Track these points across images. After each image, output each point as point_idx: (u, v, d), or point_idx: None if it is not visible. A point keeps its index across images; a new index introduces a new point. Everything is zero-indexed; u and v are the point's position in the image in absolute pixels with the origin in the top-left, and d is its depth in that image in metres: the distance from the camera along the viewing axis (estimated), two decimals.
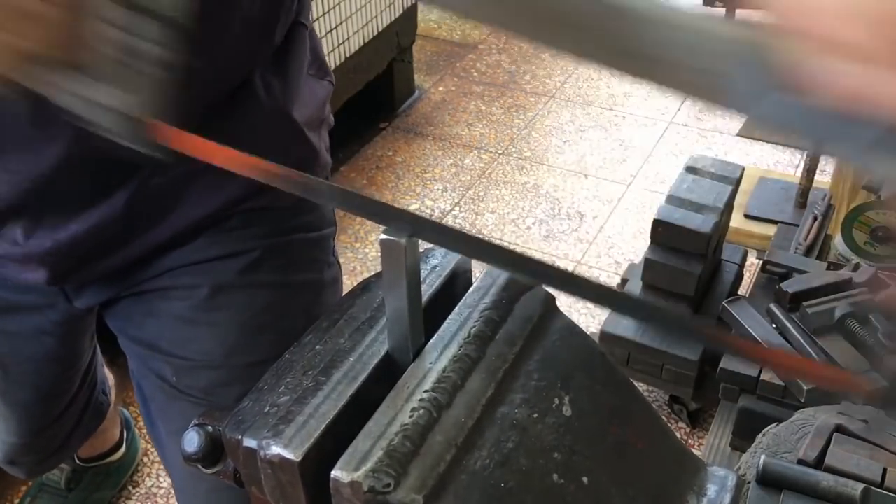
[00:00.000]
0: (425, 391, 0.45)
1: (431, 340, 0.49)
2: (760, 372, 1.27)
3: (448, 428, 0.44)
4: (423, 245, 0.46)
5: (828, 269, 1.40)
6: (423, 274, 0.52)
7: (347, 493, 0.41)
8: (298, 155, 0.83)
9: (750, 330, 1.30)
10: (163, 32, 0.43)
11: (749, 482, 0.75)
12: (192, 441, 0.50)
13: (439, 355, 0.48)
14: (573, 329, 0.53)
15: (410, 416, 0.44)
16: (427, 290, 0.52)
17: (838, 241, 1.62)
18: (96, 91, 0.43)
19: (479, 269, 0.53)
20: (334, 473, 0.42)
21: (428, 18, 3.02)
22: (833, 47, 0.32)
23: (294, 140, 0.81)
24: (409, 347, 0.48)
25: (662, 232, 1.40)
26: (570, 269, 1.95)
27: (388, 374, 0.48)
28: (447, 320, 0.50)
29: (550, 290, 0.50)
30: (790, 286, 1.30)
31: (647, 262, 1.44)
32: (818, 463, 0.77)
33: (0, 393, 0.98)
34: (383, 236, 0.44)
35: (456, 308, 0.51)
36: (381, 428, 0.43)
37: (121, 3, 0.42)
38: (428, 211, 2.17)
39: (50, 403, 1.05)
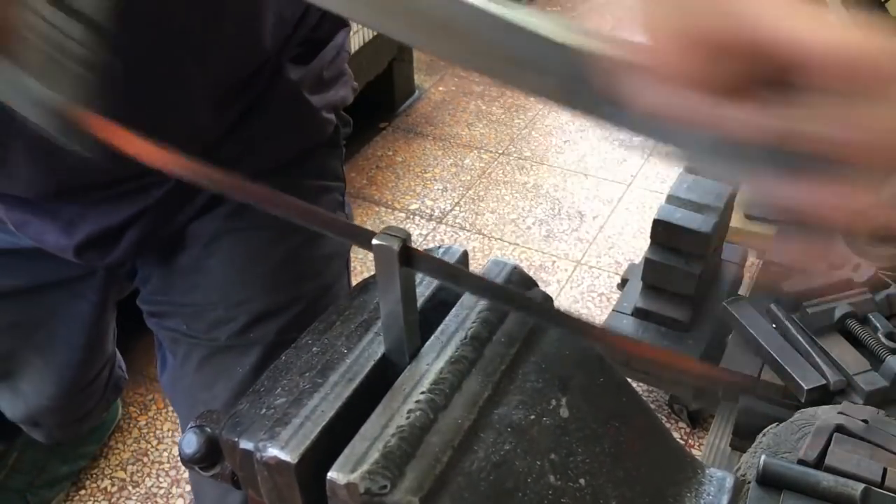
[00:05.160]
0: (422, 393, 0.45)
1: (428, 342, 0.49)
2: (760, 372, 1.27)
3: (445, 429, 0.44)
4: (422, 244, 0.46)
5: (828, 268, 1.39)
6: (419, 275, 0.51)
7: (344, 495, 0.41)
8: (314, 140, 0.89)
9: (750, 330, 1.30)
10: (86, 33, 0.44)
11: (749, 482, 0.75)
12: (190, 442, 0.50)
13: (436, 357, 0.48)
14: None
15: (407, 418, 0.44)
16: (424, 292, 0.51)
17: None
18: (23, 81, 0.44)
19: (475, 269, 0.53)
20: (330, 475, 0.41)
21: None
22: (647, 64, 0.33)
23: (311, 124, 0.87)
24: (405, 350, 0.48)
25: (662, 232, 1.40)
26: (570, 269, 1.95)
27: (384, 376, 0.48)
28: (444, 322, 0.50)
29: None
30: (790, 286, 1.30)
31: (647, 262, 1.44)
32: (818, 463, 0.77)
33: (43, 353, 1.02)
34: (376, 242, 0.44)
35: (453, 309, 0.51)
36: (378, 430, 0.43)
37: (50, 1, 0.43)
38: (428, 211, 2.17)
39: (86, 367, 1.11)
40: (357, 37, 2.17)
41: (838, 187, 0.30)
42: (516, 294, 0.46)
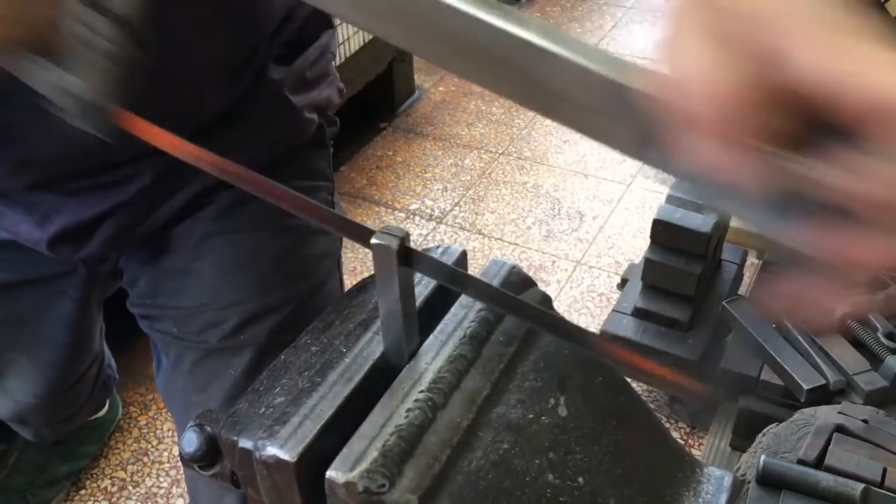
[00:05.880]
0: (421, 391, 0.45)
1: (427, 341, 0.49)
2: (760, 372, 1.27)
3: (443, 428, 0.44)
4: (422, 244, 0.46)
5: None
6: (417, 275, 0.51)
7: (342, 494, 0.41)
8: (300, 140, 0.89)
9: (750, 330, 1.30)
10: (113, 28, 0.46)
11: (749, 482, 0.75)
12: (191, 441, 0.50)
13: (435, 356, 0.48)
14: None
15: (406, 417, 0.44)
16: (422, 291, 0.51)
17: None
18: (59, 76, 0.47)
19: (475, 269, 0.53)
20: (329, 474, 0.41)
21: None
22: (697, 120, 0.29)
23: (295, 125, 0.87)
24: (404, 349, 0.48)
25: (662, 232, 1.40)
26: (570, 269, 1.95)
27: (383, 375, 0.48)
28: (443, 321, 0.50)
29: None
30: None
31: (647, 262, 1.44)
32: (818, 463, 0.77)
33: (28, 351, 1.02)
34: (374, 241, 0.44)
35: (452, 308, 0.51)
36: (377, 428, 0.43)
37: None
38: (428, 211, 2.17)
39: (72, 365, 1.10)
40: (357, 37, 2.17)
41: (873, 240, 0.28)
42: (512, 298, 0.46)
